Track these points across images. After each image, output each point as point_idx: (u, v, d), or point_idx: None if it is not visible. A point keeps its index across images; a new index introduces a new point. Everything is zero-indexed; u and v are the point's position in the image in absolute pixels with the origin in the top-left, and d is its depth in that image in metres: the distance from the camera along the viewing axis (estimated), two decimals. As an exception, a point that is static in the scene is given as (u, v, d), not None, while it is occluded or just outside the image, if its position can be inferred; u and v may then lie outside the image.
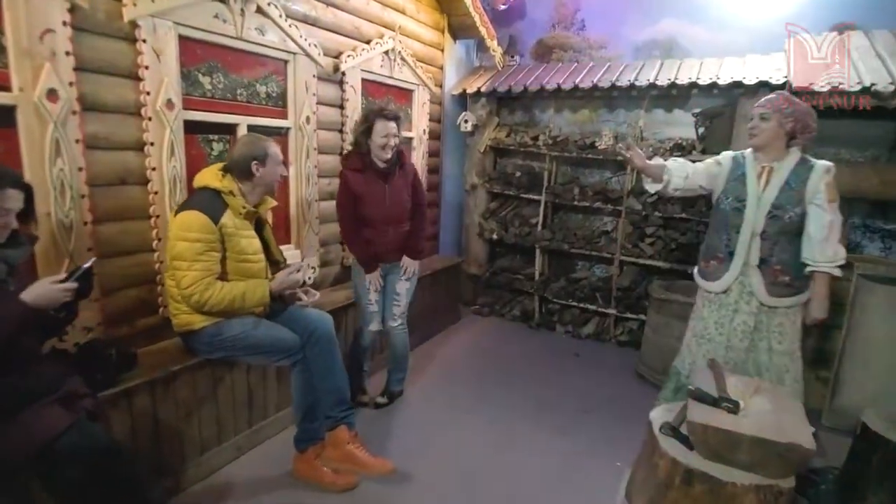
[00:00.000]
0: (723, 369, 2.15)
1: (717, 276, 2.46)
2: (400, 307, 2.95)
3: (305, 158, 3.12)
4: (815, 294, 2.32)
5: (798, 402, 2.10)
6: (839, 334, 3.02)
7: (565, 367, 3.76)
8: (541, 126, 4.66)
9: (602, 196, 4.19)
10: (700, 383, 2.05)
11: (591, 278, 4.50)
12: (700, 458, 1.78)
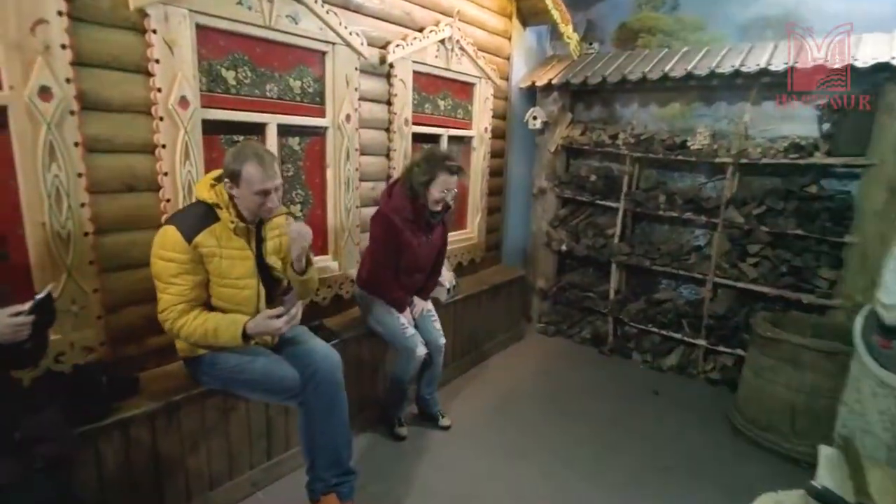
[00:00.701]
0: (862, 458, 1.55)
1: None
2: (439, 321, 2.80)
3: (345, 161, 2.81)
4: None
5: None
6: None
7: (640, 407, 3.18)
8: (622, 123, 4.06)
9: (694, 205, 3.53)
10: (827, 477, 1.48)
11: (676, 301, 3.84)
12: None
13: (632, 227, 4.05)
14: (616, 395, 3.33)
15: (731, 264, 3.40)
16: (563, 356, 3.93)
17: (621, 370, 3.71)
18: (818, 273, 3.11)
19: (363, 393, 2.73)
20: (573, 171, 4.33)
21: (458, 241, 3.84)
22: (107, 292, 1.98)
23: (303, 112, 2.61)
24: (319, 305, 2.83)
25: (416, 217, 2.52)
